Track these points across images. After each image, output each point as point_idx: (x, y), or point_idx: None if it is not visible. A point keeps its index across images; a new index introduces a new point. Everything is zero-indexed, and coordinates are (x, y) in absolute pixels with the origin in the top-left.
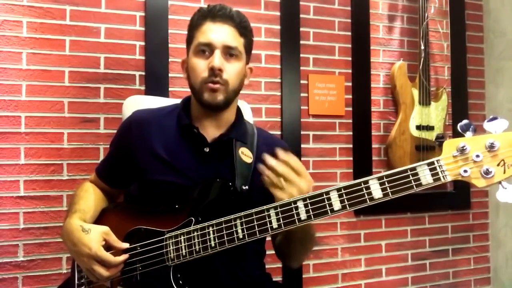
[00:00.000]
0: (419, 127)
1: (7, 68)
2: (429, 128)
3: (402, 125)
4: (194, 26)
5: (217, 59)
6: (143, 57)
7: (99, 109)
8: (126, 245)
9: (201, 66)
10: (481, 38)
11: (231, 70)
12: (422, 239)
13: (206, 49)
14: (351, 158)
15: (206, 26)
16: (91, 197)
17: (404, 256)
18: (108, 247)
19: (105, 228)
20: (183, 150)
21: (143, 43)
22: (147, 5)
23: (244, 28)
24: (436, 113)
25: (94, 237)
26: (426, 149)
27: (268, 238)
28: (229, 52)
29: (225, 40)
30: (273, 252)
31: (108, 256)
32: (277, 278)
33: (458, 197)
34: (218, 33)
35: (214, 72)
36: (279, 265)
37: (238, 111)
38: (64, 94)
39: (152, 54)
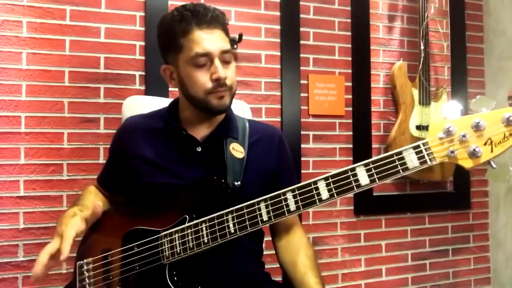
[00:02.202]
0: (419, 127)
1: (7, 68)
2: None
3: (402, 125)
4: (179, 33)
5: (221, 69)
6: (143, 57)
7: (99, 109)
8: (65, 254)
9: (203, 78)
10: (481, 38)
11: (231, 74)
12: (422, 239)
13: (205, 60)
14: (351, 158)
15: (197, 35)
16: (94, 198)
17: (404, 256)
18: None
19: (81, 228)
20: (174, 152)
21: (143, 43)
22: (147, 5)
23: (226, 25)
24: (436, 113)
25: (75, 221)
26: None
27: (268, 238)
28: (225, 58)
29: (221, 46)
30: (273, 252)
31: (67, 235)
32: (277, 278)
33: (458, 197)
34: (213, 41)
35: (220, 82)
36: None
37: None
38: (64, 94)
39: (152, 54)
